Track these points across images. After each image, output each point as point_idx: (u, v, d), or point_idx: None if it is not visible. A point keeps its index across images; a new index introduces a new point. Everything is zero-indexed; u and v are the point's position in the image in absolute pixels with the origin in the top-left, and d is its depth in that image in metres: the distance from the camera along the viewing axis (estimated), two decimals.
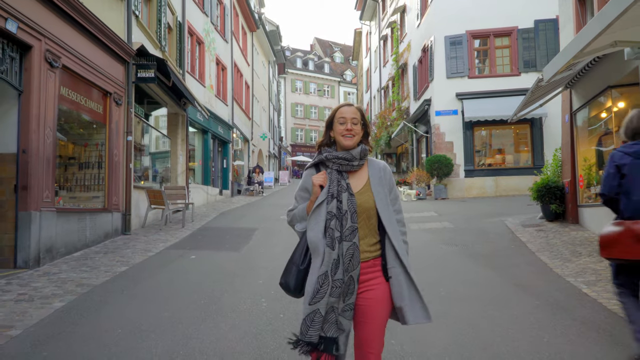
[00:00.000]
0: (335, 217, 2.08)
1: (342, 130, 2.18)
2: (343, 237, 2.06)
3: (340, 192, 2.11)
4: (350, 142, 2.18)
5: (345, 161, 2.17)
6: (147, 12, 11.58)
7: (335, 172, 2.17)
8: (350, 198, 2.10)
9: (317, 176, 2.19)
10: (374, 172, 2.23)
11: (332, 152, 2.21)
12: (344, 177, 2.16)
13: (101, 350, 3.66)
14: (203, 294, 5.26)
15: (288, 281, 2.15)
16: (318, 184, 2.16)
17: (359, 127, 2.21)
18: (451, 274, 6.19)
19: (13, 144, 6.37)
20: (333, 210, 2.08)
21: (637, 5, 3.99)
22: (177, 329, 4.10)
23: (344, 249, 2.05)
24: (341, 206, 2.09)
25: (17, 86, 6.32)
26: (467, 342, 3.76)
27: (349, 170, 2.19)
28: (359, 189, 2.18)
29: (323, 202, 2.12)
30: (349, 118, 2.19)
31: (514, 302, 4.89)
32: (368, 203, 2.14)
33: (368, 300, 2.10)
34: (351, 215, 2.08)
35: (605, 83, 7.76)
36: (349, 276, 2.04)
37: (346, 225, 2.07)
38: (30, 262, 6.30)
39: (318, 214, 2.12)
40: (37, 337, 3.91)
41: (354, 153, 2.18)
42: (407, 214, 12.42)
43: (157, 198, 10.49)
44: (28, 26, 6.30)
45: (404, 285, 2.11)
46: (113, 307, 4.83)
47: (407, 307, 2.10)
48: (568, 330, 4.01)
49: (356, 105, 2.27)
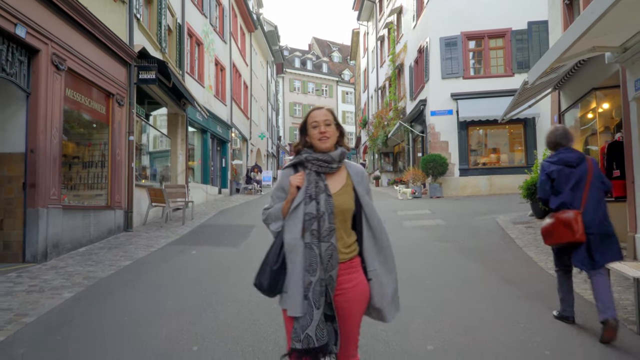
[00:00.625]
0: (314, 219, 2.10)
1: (316, 134, 2.21)
2: (321, 238, 2.08)
3: (318, 194, 2.13)
4: (326, 144, 2.21)
5: (324, 163, 2.19)
6: (147, 15, 11.86)
7: (314, 173, 2.19)
8: (327, 199, 2.12)
9: (294, 177, 2.20)
10: (353, 174, 2.27)
11: (312, 153, 2.22)
12: (322, 179, 2.18)
13: (110, 334, 3.96)
14: (204, 285, 5.55)
15: (262, 282, 2.16)
16: (295, 185, 2.17)
17: (332, 127, 2.24)
18: (440, 268, 6.49)
19: (21, 143, 6.65)
20: (313, 212, 2.10)
21: (610, 13, 4.29)
22: (180, 316, 4.40)
23: (323, 249, 2.07)
24: (319, 207, 2.11)
25: (25, 88, 6.61)
26: (448, 327, 4.06)
27: (328, 172, 2.21)
28: (337, 190, 2.19)
29: (301, 203, 2.13)
30: (321, 121, 2.22)
31: (497, 293, 5.20)
32: (345, 204, 2.17)
33: (345, 300, 2.14)
34: (328, 216, 2.10)
35: (590, 85, 8.07)
36: (329, 276, 2.08)
37: (324, 226, 2.09)
38: (38, 257, 6.59)
39: (295, 216, 2.13)
40: (50, 323, 4.20)
41: (334, 155, 2.21)
42: (402, 212, 12.76)
43: (158, 196, 10.78)
44: (36, 31, 6.58)
45: (385, 287, 2.17)
46: (119, 297, 5.12)
47: (386, 308, 2.17)
48: (544, 317, 4.32)
49: (326, 107, 2.31)
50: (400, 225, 10.62)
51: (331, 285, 2.08)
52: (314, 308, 2.02)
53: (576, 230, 3.83)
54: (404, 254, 7.38)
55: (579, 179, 3.98)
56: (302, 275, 2.07)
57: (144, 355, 3.50)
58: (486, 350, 3.55)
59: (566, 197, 3.98)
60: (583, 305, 4.64)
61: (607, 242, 3.90)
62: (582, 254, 3.89)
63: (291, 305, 2.06)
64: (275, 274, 2.13)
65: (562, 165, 4.03)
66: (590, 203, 3.93)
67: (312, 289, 2.03)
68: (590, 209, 3.91)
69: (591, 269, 3.87)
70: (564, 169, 4.02)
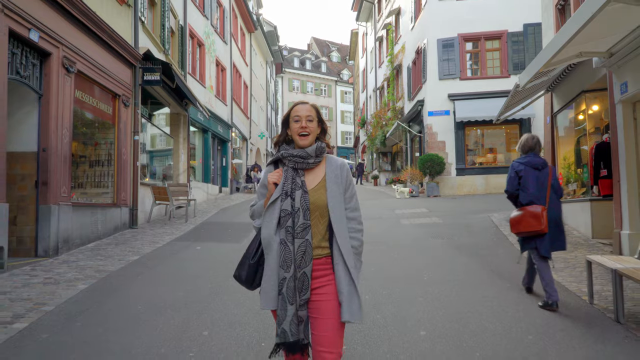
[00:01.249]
0: (289, 215, 2.11)
1: (297, 128, 2.21)
2: (295, 234, 2.10)
3: (294, 190, 2.15)
4: (305, 140, 2.21)
5: (300, 159, 2.19)
6: (151, 17, 12.14)
7: (291, 169, 2.20)
8: (303, 195, 2.14)
9: (272, 174, 2.22)
10: (330, 169, 2.25)
11: (289, 150, 2.23)
12: (299, 175, 2.19)
13: (126, 321, 4.25)
14: (210, 278, 5.85)
15: (241, 274, 2.22)
16: (272, 182, 2.20)
17: (314, 124, 2.24)
18: (435, 263, 6.79)
19: (34, 143, 6.94)
20: (288, 208, 2.12)
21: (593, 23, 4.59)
22: (190, 305, 4.70)
23: (296, 246, 2.09)
24: (294, 203, 2.12)
25: (37, 90, 6.89)
26: (440, 315, 4.37)
27: (305, 168, 2.22)
28: (314, 186, 2.20)
29: (277, 199, 2.15)
30: (303, 116, 2.21)
31: (487, 285, 5.50)
32: (321, 200, 2.17)
33: (321, 295, 2.14)
34: (303, 213, 2.11)
35: (580, 88, 8.38)
36: (302, 272, 2.08)
37: (298, 223, 2.10)
38: (50, 252, 6.88)
39: (272, 212, 2.15)
40: (69, 311, 4.49)
41: (309, 151, 2.20)
42: (400, 210, 13.06)
43: (162, 194, 11.07)
44: (48, 35, 6.87)
45: (343, 282, 2.14)
46: (131, 288, 5.42)
47: (344, 304, 2.12)
48: (530, 306, 4.63)
49: (311, 103, 2.30)
50: (399, 223, 10.93)
51: (305, 282, 2.09)
52: (287, 303, 2.06)
53: (542, 223, 4.59)
54: (402, 250, 7.71)
55: (543, 180, 4.77)
56: (276, 270, 2.10)
57: (159, 339, 3.80)
58: (474, 335, 3.85)
59: (534, 195, 4.73)
60: (568, 296, 4.96)
61: (560, 235, 4.76)
62: (545, 242, 4.66)
63: (264, 298, 2.12)
64: (252, 267, 2.19)
65: (529, 166, 4.82)
66: (552, 202, 4.74)
67: (286, 285, 2.07)
68: (551, 207, 4.72)
69: (549, 254, 4.68)
70: (531, 170, 4.80)
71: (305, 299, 2.08)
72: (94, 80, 8.45)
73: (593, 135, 8.56)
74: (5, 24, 5.92)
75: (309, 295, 2.09)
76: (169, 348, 3.62)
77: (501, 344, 3.66)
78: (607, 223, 7.45)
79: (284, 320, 2.06)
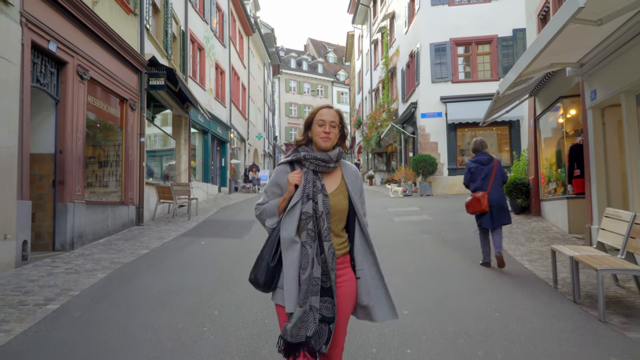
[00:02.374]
0: (312, 218, 2.12)
1: (320, 132, 2.21)
2: (322, 237, 2.11)
3: (315, 194, 2.15)
4: (327, 144, 2.22)
5: (322, 162, 2.20)
6: (155, 24, 12.70)
7: (312, 172, 2.21)
8: (325, 199, 2.15)
9: (293, 175, 2.20)
10: (347, 175, 2.29)
11: (311, 152, 2.24)
12: (319, 178, 2.20)
13: (145, 303, 4.83)
14: (216, 269, 6.43)
15: (258, 277, 2.17)
16: (294, 183, 2.18)
17: (336, 130, 2.25)
18: (422, 255, 7.39)
19: (51, 145, 7.50)
20: (309, 211, 2.12)
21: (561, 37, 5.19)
22: (199, 291, 5.27)
23: (326, 249, 2.10)
24: (317, 207, 2.12)
25: (54, 96, 7.46)
26: (421, 298, 4.96)
27: (325, 172, 2.24)
28: (332, 190, 2.22)
29: (298, 202, 2.14)
30: (327, 121, 2.22)
31: (467, 274, 6.10)
32: (340, 205, 2.20)
33: (339, 297, 2.17)
34: (326, 217, 2.13)
35: (558, 93, 8.99)
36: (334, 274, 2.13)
37: (324, 226, 2.12)
38: (66, 246, 7.44)
39: (292, 214, 2.14)
40: (93, 295, 5.07)
41: (332, 155, 2.22)
42: (393, 209, 13.66)
43: (166, 193, 11.63)
44: (64, 45, 7.43)
45: (371, 285, 2.20)
46: (145, 277, 5.99)
47: (375, 305, 2.20)
48: (502, 291, 5.23)
49: (336, 108, 2.30)
50: (391, 220, 11.51)
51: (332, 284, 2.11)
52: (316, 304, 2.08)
53: (482, 204, 6.29)
54: (392, 245, 8.29)
55: (487, 172, 6.43)
56: (298, 272, 2.10)
57: (176, 317, 4.37)
58: (449, 313, 4.45)
59: (478, 184, 6.45)
60: (536, 282, 5.57)
61: (502, 212, 6.35)
62: (488, 218, 6.35)
63: (289, 299, 2.09)
64: (272, 270, 2.16)
65: (478, 163, 6.52)
66: (493, 188, 6.38)
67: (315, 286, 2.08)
68: (493, 192, 6.36)
69: (492, 227, 6.35)
70: (479, 166, 6.50)
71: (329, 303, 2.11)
72: (104, 86, 9.01)
73: (571, 138, 9.17)
74: (29, 37, 6.48)
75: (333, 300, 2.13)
76: (185, 324, 4.20)
77: (471, 320, 4.26)
78: (581, 219, 8.05)
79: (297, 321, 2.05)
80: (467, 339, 3.80)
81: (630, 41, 5.82)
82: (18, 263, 6.17)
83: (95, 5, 8.35)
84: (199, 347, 3.69)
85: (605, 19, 5.08)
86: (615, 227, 4.94)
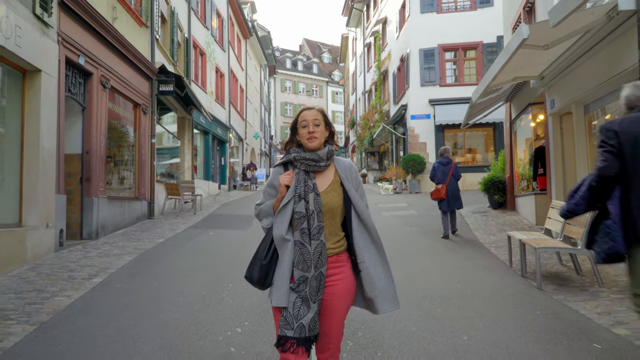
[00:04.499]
0: (304, 217, 2.17)
1: (305, 133, 2.26)
2: (312, 236, 2.16)
3: (307, 193, 2.19)
4: (314, 143, 2.25)
5: (312, 162, 2.24)
6: (162, 34, 13.69)
7: (303, 172, 2.25)
8: (316, 198, 2.19)
9: (284, 176, 2.26)
10: (341, 170, 2.32)
11: (300, 153, 2.28)
12: (310, 177, 2.24)
13: (171, 278, 5.88)
14: (227, 253, 7.48)
15: (252, 275, 2.23)
16: (284, 184, 2.23)
17: (321, 128, 2.28)
18: (404, 244, 8.45)
19: (79, 146, 8.51)
20: (302, 211, 2.17)
21: (517, 56, 6.26)
22: (216, 270, 6.31)
23: (313, 247, 2.15)
24: (308, 206, 2.17)
25: (82, 103, 8.46)
26: (397, 275, 5.98)
27: (316, 171, 2.27)
28: (324, 188, 2.25)
29: (289, 201, 2.19)
30: (310, 121, 2.25)
31: (441, 258, 7.18)
32: (333, 202, 2.23)
33: (332, 295, 2.21)
34: (317, 215, 2.17)
35: (527, 100, 10.09)
36: (319, 272, 2.16)
37: (314, 225, 2.16)
38: (92, 235, 8.46)
39: (284, 214, 2.19)
40: (128, 272, 6.11)
41: (321, 154, 2.25)
42: (382, 205, 14.73)
43: (174, 189, 12.65)
44: (90, 59, 8.44)
45: (374, 278, 2.23)
46: (167, 259, 7.03)
47: (377, 298, 2.23)
48: (467, 269, 6.31)
49: (317, 107, 2.34)
50: (380, 215, 12.57)
51: (322, 281, 2.17)
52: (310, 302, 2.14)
53: (442, 193, 8.85)
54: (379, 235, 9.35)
55: (446, 171, 9.03)
56: (289, 269, 2.15)
57: (199, 287, 5.41)
58: (419, 285, 5.52)
59: (440, 179, 9.02)
60: (497, 264, 6.65)
61: (456, 199, 8.88)
62: (445, 203, 8.85)
63: (277, 295, 2.16)
64: (264, 268, 2.21)
65: (440, 164, 9.14)
66: (450, 182, 8.93)
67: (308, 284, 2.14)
68: (449, 185, 8.89)
69: (448, 210, 8.80)
70: (440, 166, 9.12)
71: (319, 297, 2.16)
72: (121, 93, 10.02)
73: (539, 140, 10.26)
74: (63, 53, 7.49)
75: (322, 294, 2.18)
76: (208, 292, 5.25)
77: (436, 289, 5.33)
78: (546, 212, 9.14)
79: (304, 317, 2.12)
80: (431, 301, 4.87)
81: (577, 60, 6.90)
82: (56, 248, 7.19)
83: (115, 21, 9.35)
84: (221, 307, 4.73)
85: (551, 44, 6.16)
86: (557, 216, 6.03)
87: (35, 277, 5.72)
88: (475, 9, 19.71)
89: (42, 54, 6.80)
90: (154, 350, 3.63)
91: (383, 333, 3.97)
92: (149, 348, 3.68)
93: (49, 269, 6.12)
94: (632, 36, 5.36)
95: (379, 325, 4.12)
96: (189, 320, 4.31)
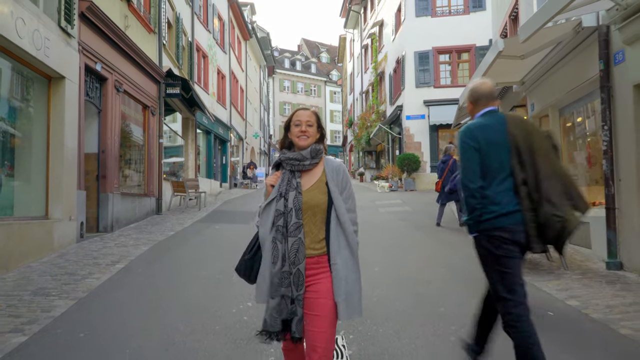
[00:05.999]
0: (281, 215, 2.22)
1: (297, 132, 2.31)
2: (289, 232, 2.19)
3: (288, 191, 2.24)
4: (303, 142, 2.31)
5: (296, 161, 2.29)
6: (168, 38, 14.36)
7: (289, 172, 2.30)
8: (297, 196, 2.23)
9: (269, 177, 2.36)
10: (329, 170, 2.33)
11: (286, 153, 2.34)
12: (295, 177, 2.29)
13: (186, 264, 6.58)
14: (233, 243, 8.12)
15: (240, 268, 2.38)
16: (269, 184, 2.33)
17: (313, 129, 2.34)
18: (397, 237, 9.15)
19: (95, 146, 9.18)
20: (281, 208, 2.22)
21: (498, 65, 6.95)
22: (223, 258, 6.99)
23: (290, 244, 2.19)
24: (287, 204, 2.22)
25: (98, 106, 9.14)
26: (388, 261, 6.73)
27: (302, 170, 2.31)
28: (308, 187, 2.28)
29: (273, 200, 2.26)
30: (304, 121, 2.32)
31: (429, 248, 7.89)
32: (314, 200, 2.25)
33: (313, 293, 2.22)
34: (295, 212, 2.20)
35: (512, 103, 10.80)
36: (297, 269, 2.18)
37: (291, 222, 2.20)
38: (108, 228, 9.14)
39: (268, 212, 2.27)
40: (146, 259, 6.80)
41: (304, 153, 2.29)
42: (378, 202, 15.44)
43: (180, 187, 13.34)
44: (106, 65, 9.11)
45: (341, 282, 2.21)
46: (180, 249, 7.71)
47: (342, 303, 2.20)
48: (452, 258, 7.02)
49: (312, 109, 2.40)
50: (376, 211, 13.28)
51: (300, 278, 2.19)
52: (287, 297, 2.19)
53: (438, 187, 10.26)
54: (374, 230, 10.04)
55: (444, 168, 10.20)
56: (269, 267, 2.23)
57: (212, 272, 6.10)
58: (405, 271, 6.22)
59: (439, 175, 10.30)
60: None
61: (452, 194, 9.67)
62: (440, 196, 10.18)
63: (257, 292, 2.28)
64: (248, 263, 2.34)
65: (441, 162, 10.36)
66: (446, 178, 9.98)
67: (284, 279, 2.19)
68: (445, 180, 10.01)
69: (442, 202, 10.15)
70: (441, 164, 10.34)
71: (300, 294, 2.19)
72: (132, 96, 10.70)
73: None
74: (83, 61, 8.17)
75: (303, 291, 2.19)
76: (221, 275, 5.94)
77: (421, 273, 6.04)
78: None
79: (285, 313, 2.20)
80: (414, 282, 5.59)
81: (552, 68, 7.60)
82: (77, 239, 7.87)
83: (127, 29, 10.02)
84: (232, 287, 5.42)
85: (527, 55, 6.86)
86: None
87: (64, 263, 6.41)
88: (468, 13, 20.41)
89: (66, 62, 7.47)
90: (179, 316, 4.33)
91: (371, 307, 4.66)
92: (174, 315, 4.38)
93: (75, 257, 6.80)
94: (595, 49, 6.07)
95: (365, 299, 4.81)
96: (206, 296, 5.01)
